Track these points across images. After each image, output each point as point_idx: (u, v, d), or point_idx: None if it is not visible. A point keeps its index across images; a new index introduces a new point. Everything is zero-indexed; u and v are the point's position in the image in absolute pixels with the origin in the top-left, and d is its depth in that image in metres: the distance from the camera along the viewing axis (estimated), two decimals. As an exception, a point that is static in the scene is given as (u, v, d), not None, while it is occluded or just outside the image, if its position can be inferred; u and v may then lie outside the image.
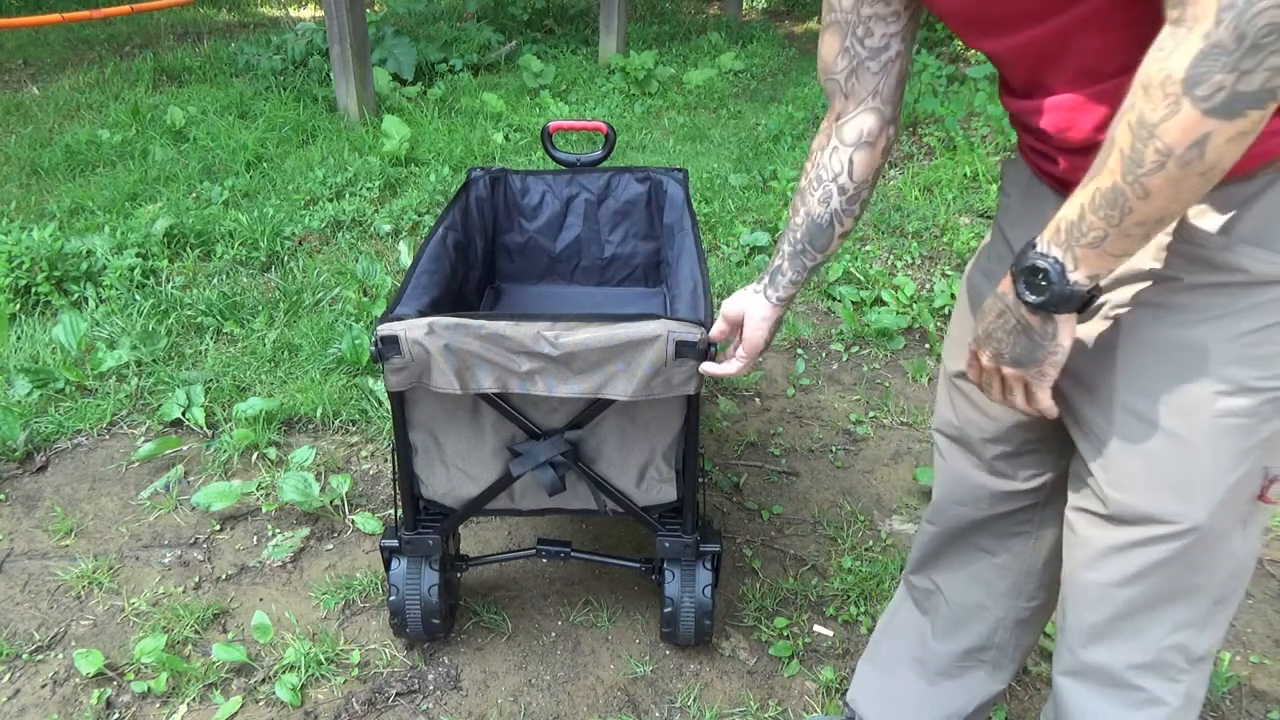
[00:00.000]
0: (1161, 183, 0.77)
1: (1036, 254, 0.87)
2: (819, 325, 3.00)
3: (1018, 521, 1.29)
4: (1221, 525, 0.98)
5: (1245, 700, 1.74)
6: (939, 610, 1.43)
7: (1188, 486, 0.96)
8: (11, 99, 5.01)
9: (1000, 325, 0.94)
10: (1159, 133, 0.75)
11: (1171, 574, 1.01)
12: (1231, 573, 1.03)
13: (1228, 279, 0.89)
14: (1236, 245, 0.87)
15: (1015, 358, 0.94)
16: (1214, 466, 0.94)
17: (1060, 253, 0.85)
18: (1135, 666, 1.07)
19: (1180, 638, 1.05)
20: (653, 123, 4.86)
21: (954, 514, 1.34)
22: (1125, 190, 0.79)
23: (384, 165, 4.08)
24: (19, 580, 2.02)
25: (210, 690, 1.75)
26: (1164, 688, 1.07)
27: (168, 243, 3.33)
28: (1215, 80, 0.71)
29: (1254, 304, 0.89)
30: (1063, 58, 0.91)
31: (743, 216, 3.66)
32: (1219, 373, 0.91)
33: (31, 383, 2.56)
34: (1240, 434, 0.93)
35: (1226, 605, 1.05)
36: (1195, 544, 0.98)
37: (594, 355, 1.43)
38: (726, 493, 2.27)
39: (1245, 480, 0.96)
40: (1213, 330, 0.91)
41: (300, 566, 2.05)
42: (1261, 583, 2.00)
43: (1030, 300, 0.88)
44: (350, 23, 4.44)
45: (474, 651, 1.84)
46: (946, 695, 1.45)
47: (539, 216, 2.37)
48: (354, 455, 2.40)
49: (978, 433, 1.25)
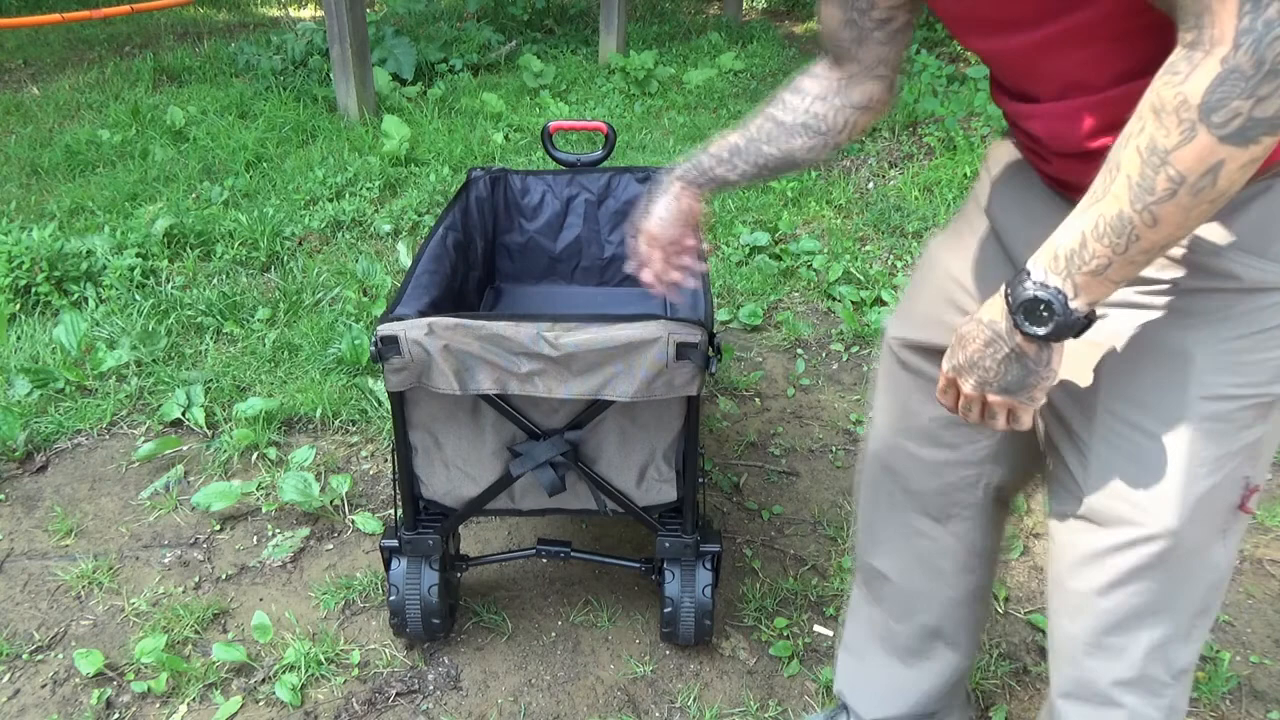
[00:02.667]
0: (1172, 210, 0.75)
1: (1036, 284, 0.83)
2: (819, 325, 3.00)
3: (956, 503, 1.28)
4: (1200, 534, 0.97)
5: (1245, 700, 1.74)
6: (891, 595, 1.42)
7: (1164, 490, 0.95)
8: (11, 99, 5.01)
9: (989, 354, 0.90)
10: (1172, 160, 0.73)
11: (1152, 583, 1.01)
12: (1212, 584, 1.02)
13: (1219, 285, 0.88)
14: (1228, 251, 0.86)
15: (1005, 386, 0.91)
16: (1190, 471, 0.94)
17: (1060, 281, 0.82)
18: (1120, 683, 1.07)
19: (1163, 651, 1.04)
20: (653, 123, 4.86)
21: (886, 484, 1.33)
22: (1133, 218, 0.77)
23: (384, 165, 4.08)
24: (19, 580, 2.02)
25: (210, 690, 1.75)
26: (1147, 703, 1.07)
27: (168, 243, 3.33)
28: (1233, 106, 0.69)
29: (1243, 310, 0.88)
30: (1052, 66, 0.90)
31: (743, 216, 3.66)
32: (1202, 378, 0.91)
33: (31, 383, 2.56)
34: (1218, 440, 0.93)
35: (1207, 617, 1.05)
36: (1173, 551, 0.98)
37: (594, 356, 1.43)
38: (726, 493, 2.27)
39: (1223, 488, 0.96)
40: (1200, 336, 0.90)
41: (300, 566, 2.05)
42: (1262, 583, 2.00)
43: (1034, 333, 0.85)
44: (350, 23, 4.44)
45: (474, 651, 1.84)
46: (921, 674, 1.46)
47: (539, 217, 2.37)
48: (354, 455, 2.40)
49: (921, 410, 1.25)
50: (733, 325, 2.99)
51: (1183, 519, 0.96)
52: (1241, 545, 2.09)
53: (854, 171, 4.13)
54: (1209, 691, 1.74)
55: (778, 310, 3.07)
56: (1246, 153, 0.71)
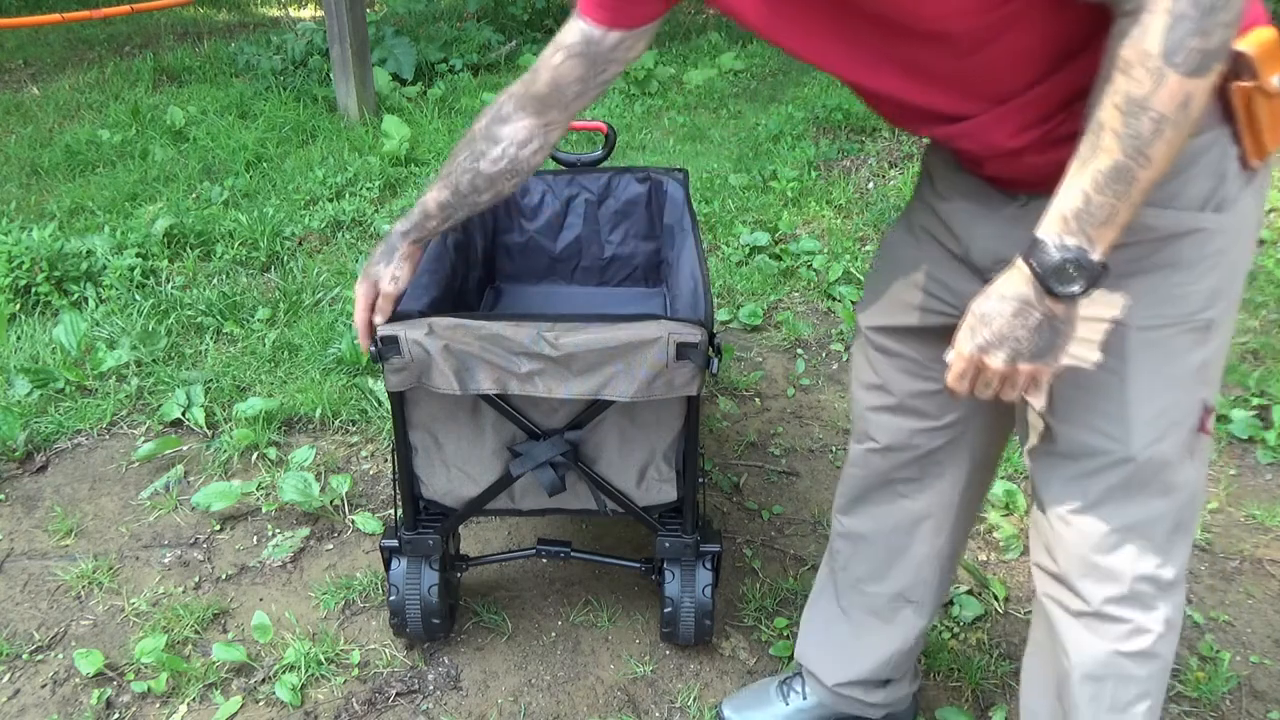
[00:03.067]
0: (1161, 147, 0.85)
1: (1056, 248, 0.91)
2: (819, 325, 3.00)
3: (934, 461, 1.36)
4: (1164, 453, 1.07)
5: (1245, 700, 1.74)
6: (867, 556, 1.48)
7: (1123, 415, 1.06)
8: (11, 99, 5.01)
9: (1020, 324, 0.95)
10: (1151, 103, 0.83)
11: (1127, 503, 1.10)
12: (1183, 502, 1.12)
13: (1140, 236, 0.99)
14: (1142, 208, 0.95)
15: (1037, 351, 0.96)
16: (1143, 394, 1.05)
17: (1078, 240, 0.90)
18: (1113, 600, 1.15)
19: (1146, 567, 1.13)
20: (653, 123, 4.86)
21: (875, 457, 1.40)
22: (1129, 164, 0.86)
23: (384, 165, 4.08)
24: (19, 580, 2.02)
25: (210, 690, 1.75)
26: (1144, 616, 1.15)
27: (168, 243, 3.33)
28: (1189, 46, 0.81)
29: (1163, 253, 1.00)
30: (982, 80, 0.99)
31: (743, 216, 3.66)
32: (1137, 311, 1.02)
33: (31, 383, 2.56)
34: (1163, 363, 1.04)
35: (1184, 532, 1.14)
36: (1141, 471, 1.08)
37: (593, 356, 1.43)
38: (726, 493, 2.27)
39: (1180, 408, 1.06)
40: (1132, 279, 1.01)
41: (300, 566, 2.05)
42: (1262, 583, 2.00)
43: (1072, 292, 0.92)
44: (350, 23, 4.44)
45: (474, 651, 1.84)
46: (884, 638, 1.52)
47: (539, 216, 2.37)
48: (354, 455, 2.40)
49: (899, 386, 1.33)
50: (733, 325, 2.99)
51: (1145, 440, 1.06)
52: (1242, 547, 2.09)
53: (854, 171, 4.12)
54: (1209, 691, 1.74)
55: (778, 310, 3.07)
56: (1206, 81, 0.83)
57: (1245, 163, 0.97)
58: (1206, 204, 0.99)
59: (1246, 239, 1.02)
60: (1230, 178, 0.99)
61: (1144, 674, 1.18)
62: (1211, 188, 0.99)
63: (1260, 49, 0.92)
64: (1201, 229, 0.99)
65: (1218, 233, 0.99)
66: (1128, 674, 1.18)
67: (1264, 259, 3.19)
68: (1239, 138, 0.96)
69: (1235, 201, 0.99)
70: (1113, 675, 1.18)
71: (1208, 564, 2.05)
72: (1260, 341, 2.78)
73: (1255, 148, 0.96)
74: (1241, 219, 1.01)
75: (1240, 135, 0.96)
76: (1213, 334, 1.04)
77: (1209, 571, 2.03)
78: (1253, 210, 1.02)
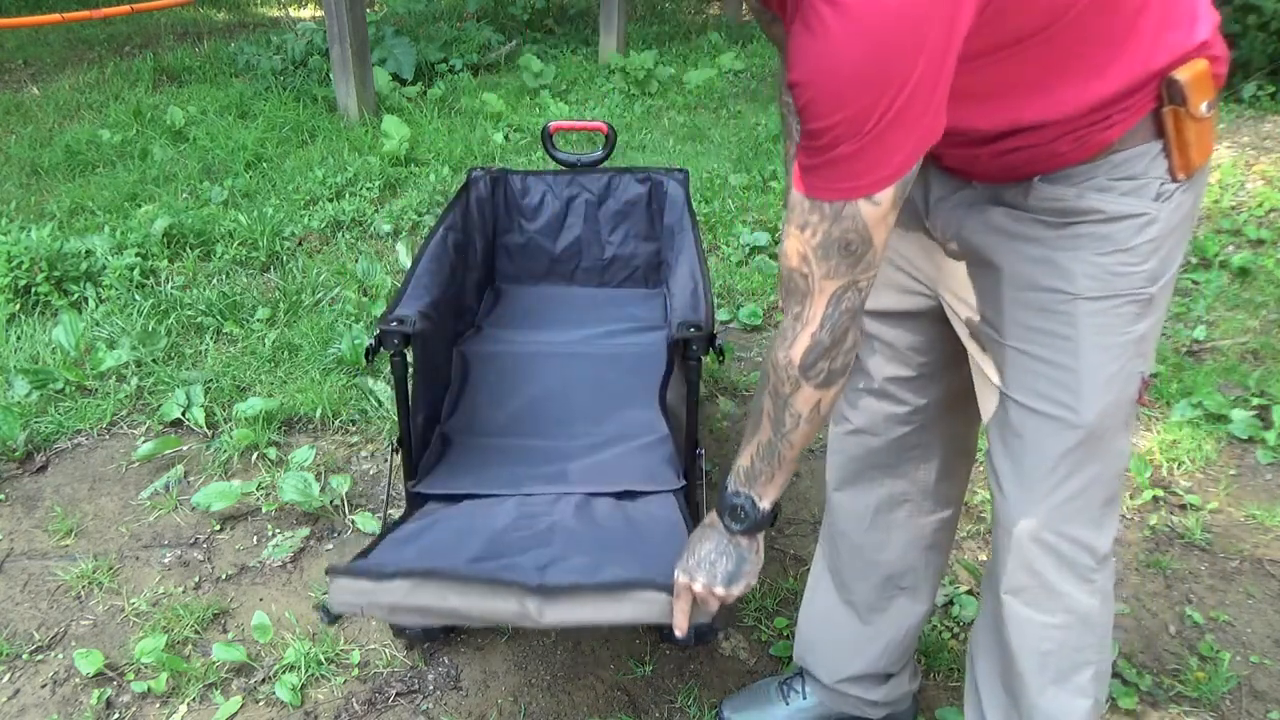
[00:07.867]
0: (800, 434, 1.13)
1: (731, 494, 1.21)
2: (819, 325, 3.00)
3: (908, 445, 1.41)
4: (1109, 422, 1.15)
5: (1245, 700, 1.74)
6: (851, 548, 1.51)
7: (1075, 382, 1.14)
8: (11, 99, 5.01)
9: (713, 549, 1.23)
10: (791, 403, 1.10)
11: (1074, 470, 1.17)
12: (1117, 473, 1.20)
13: (1085, 218, 1.09)
14: (1087, 194, 1.08)
15: (729, 575, 1.23)
16: (1092, 361, 1.13)
17: (748, 491, 1.19)
18: (1055, 572, 1.22)
19: (1084, 536, 1.21)
20: (653, 123, 4.86)
21: (850, 440, 1.45)
22: (777, 444, 1.14)
23: (384, 165, 4.08)
24: (19, 580, 2.02)
25: (210, 690, 1.75)
26: (1082, 589, 1.23)
27: (167, 243, 3.33)
28: (819, 366, 1.06)
29: (1109, 233, 1.09)
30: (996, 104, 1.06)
31: (743, 216, 3.66)
32: (1087, 285, 1.11)
33: (31, 383, 2.56)
34: (1109, 332, 1.12)
35: (1115, 505, 1.23)
36: (1089, 437, 1.15)
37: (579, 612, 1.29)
38: (726, 493, 2.27)
39: (1123, 378, 1.14)
40: (1080, 255, 1.10)
41: (300, 566, 2.05)
42: (1261, 583, 2.00)
43: (737, 528, 1.21)
44: (350, 23, 4.43)
45: (474, 651, 1.84)
46: (879, 629, 1.54)
47: (539, 217, 2.37)
48: (354, 455, 2.40)
49: (877, 369, 1.38)
50: (733, 325, 2.99)
51: (1096, 407, 1.14)
52: (1243, 547, 2.09)
53: (854, 171, 4.12)
54: (1209, 691, 1.74)
55: (778, 310, 3.07)
56: (832, 391, 1.09)
57: (1174, 175, 1.07)
58: (1145, 194, 1.09)
59: (1182, 230, 1.12)
60: (1165, 181, 1.09)
61: (1086, 644, 1.26)
62: (1150, 185, 1.09)
63: (1192, 78, 1.02)
64: (1143, 213, 1.08)
65: (1157, 219, 1.08)
66: (1070, 644, 1.26)
67: (1264, 259, 3.19)
68: (1169, 153, 1.06)
69: (1171, 196, 1.08)
70: (1056, 647, 1.26)
71: (1208, 564, 2.05)
72: (1260, 341, 2.78)
73: (1183, 163, 1.06)
74: (1179, 211, 1.10)
75: (1170, 151, 1.06)
76: (1152, 309, 1.13)
77: (1209, 571, 2.03)
78: (1189, 205, 1.11)
